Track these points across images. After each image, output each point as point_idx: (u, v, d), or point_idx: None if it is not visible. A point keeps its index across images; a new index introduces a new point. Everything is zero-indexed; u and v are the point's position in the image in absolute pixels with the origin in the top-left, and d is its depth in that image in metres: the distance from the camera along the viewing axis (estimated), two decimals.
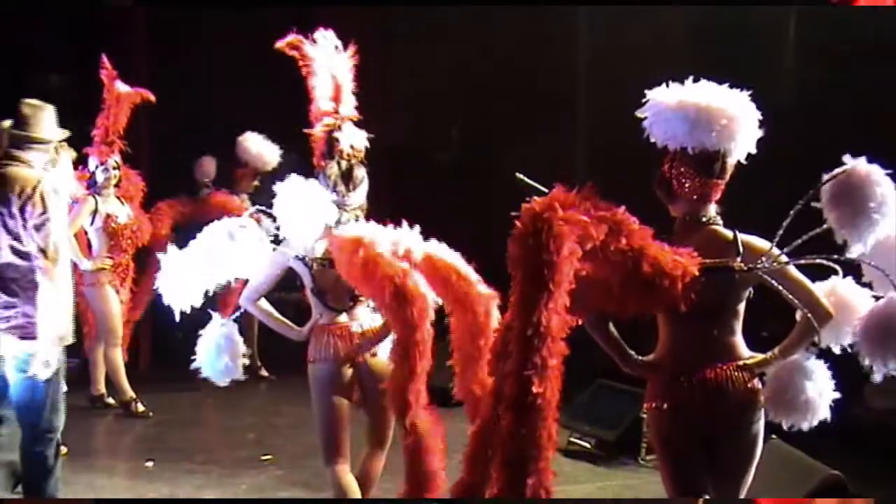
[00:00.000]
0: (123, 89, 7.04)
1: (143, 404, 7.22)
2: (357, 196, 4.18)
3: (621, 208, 3.13)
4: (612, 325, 3.45)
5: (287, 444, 6.46)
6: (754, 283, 3.33)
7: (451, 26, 8.88)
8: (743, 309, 3.39)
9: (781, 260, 3.27)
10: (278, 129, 8.08)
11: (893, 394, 4.90)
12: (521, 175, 3.32)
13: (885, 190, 3.22)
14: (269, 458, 6.13)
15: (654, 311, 3.16)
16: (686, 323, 3.34)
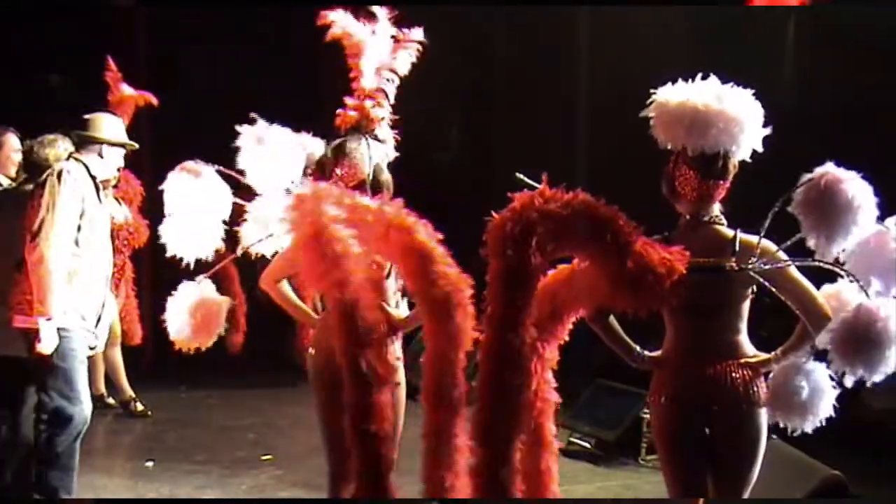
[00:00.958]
0: (128, 91, 7.05)
1: (142, 403, 7.23)
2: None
3: (612, 206, 3.13)
4: (613, 320, 3.45)
5: (287, 444, 6.47)
6: (755, 282, 3.32)
7: (452, 26, 8.87)
8: (747, 308, 3.38)
9: (779, 257, 3.27)
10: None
11: (893, 394, 4.88)
12: (520, 175, 3.32)
13: (858, 196, 3.22)
14: (269, 458, 6.13)
15: (642, 308, 3.16)
16: (688, 320, 3.37)
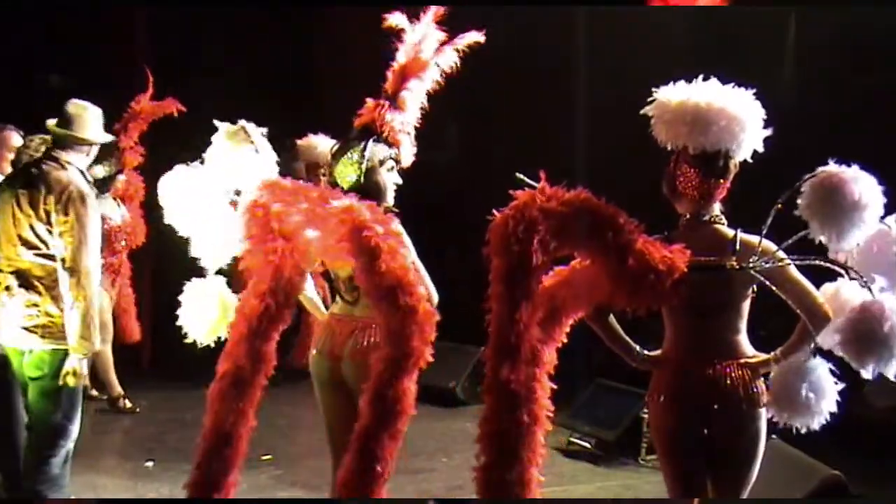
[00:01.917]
0: (151, 104, 7.23)
1: (130, 401, 7.21)
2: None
3: (611, 203, 3.13)
4: (613, 319, 3.45)
5: (287, 444, 6.46)
6: (755, 282, 3.32)
7: (451, 26, 8.85)
8: (747, 308, 3.38)
9: (779, 256, 3.26)
10: (279, 130, 8.05)
11: (894, 393, 4.88)
12: (520, 175, 3.32)
13: (864, 194, 3.18)
14: (269, 458, 6.13)
15: (642, 306, 3.16)
16: (688, 319, 3.37)
